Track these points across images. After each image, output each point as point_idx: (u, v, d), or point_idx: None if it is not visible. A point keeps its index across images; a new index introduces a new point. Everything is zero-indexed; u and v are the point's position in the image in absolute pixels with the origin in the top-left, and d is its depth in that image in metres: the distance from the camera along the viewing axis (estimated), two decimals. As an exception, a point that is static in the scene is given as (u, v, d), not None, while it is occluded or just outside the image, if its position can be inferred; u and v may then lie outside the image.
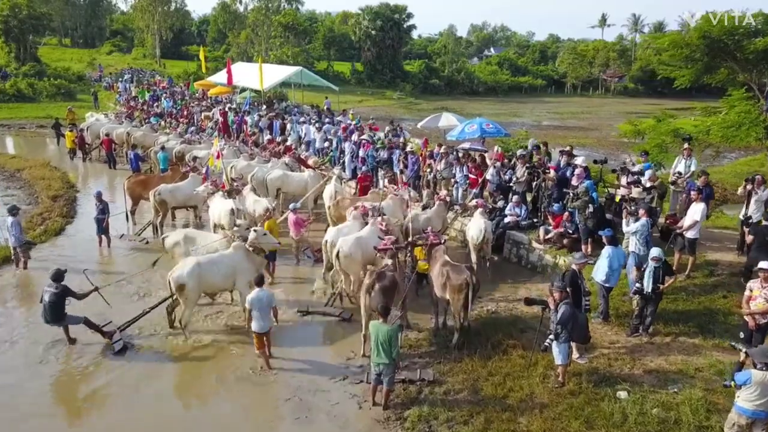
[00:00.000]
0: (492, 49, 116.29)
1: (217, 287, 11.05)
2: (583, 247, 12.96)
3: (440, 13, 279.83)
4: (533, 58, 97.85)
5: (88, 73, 61.42)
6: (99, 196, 15.34)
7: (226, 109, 29.18)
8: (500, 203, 15.10)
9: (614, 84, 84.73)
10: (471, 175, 15.89)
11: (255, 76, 28.24)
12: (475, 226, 13.20)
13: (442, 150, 17.02)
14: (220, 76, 33.19)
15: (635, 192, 12.64)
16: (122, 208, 16.97)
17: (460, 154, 17.19)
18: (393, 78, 72.20)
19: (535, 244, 14.06)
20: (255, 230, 11.30)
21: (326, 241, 12.40)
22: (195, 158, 19.49)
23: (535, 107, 67.37)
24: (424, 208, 15.47)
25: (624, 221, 11.33)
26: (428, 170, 17.14)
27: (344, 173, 18.95)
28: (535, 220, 14.86)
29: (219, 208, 14.41)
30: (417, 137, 29.02)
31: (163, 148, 21.44)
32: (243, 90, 33.43)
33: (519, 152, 16.51)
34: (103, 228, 15.17)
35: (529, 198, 15.52)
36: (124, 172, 22.27)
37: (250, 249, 11.06)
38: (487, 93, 77.22)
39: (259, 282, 10.05)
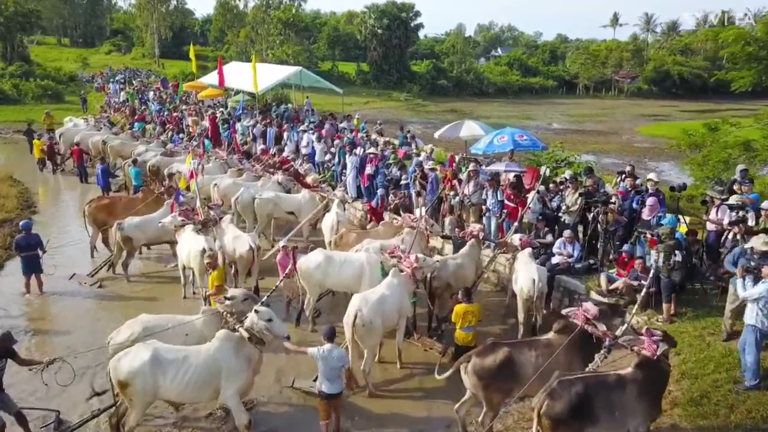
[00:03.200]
0: (499, 50, 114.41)
1: (186, 397, 7.48)
2: (664, 306, 9.78)
3: (446, 12, 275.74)
4: (543, 59, 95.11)
5: (79, 73, 58.54)
6: (27, 228, 12.19)
7: (217, 114, 26.04)
8: (549, 238, 11.88)
9: (627, 85, 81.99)
10: (508, 202, 12.62)
11: (249, 77, 25.04)
12: (526, 275, 10.04)
13: (470, 168, 13.77)
14: (212, 77, 29.99)
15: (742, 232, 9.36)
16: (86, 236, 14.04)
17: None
18: (400, 79, 69.51)
19: (595, 296, 10.87)
20: (257, 311, 7.40)
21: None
22: (172, 175, 16.32)
23: (548, 109, 64.70)
24: (445, 238, 12.37)
25: (739, 283, 8.08)
26: (451, 193, 13.94)
27: (348, 195, 15.73)
28: (592, 261, 11.67)
29: (188, 246, 11.28)
30: (429, 143, 25.82)
31: (135, 161, 18.31)
32: (237, 93, 30.22)
33: (567, 174, 13.34)
34: (31, 266, 12.03)
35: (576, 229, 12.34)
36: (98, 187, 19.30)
37: (246, 337, 7.37)
38: (497, 94, 74.88)
39: (330, 336, 7.60)
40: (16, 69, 48.77)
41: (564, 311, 7.75)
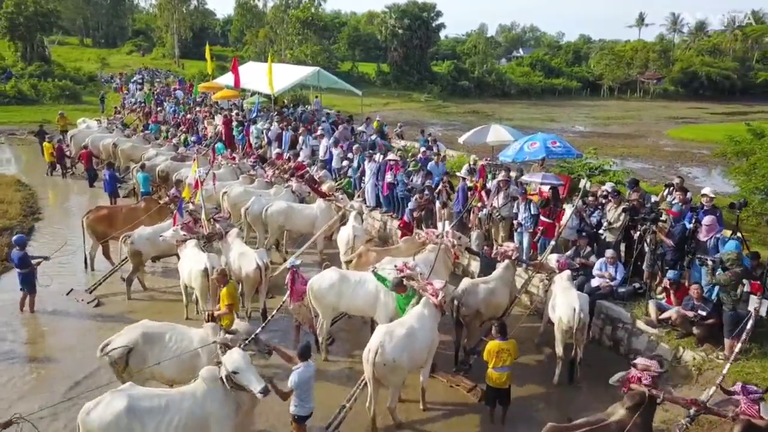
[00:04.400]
0: (521, 50, 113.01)
1: None
2: (726, 342, 8.53)
3: (467, 12, 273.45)
4: (567, 59, 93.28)
5: (99, 73, 58.34)
6: (20, 243, 11.25)
7: (232, 116, 25.11)
8: (591, 258, 10.64)
9: (653, 86, 79.99)
10: (543, 218, 11.40)
11: (265, 78, 24.03)
12: (565, 303, 8.86)
13: (500, 177, 12.56)
14: (228, 78, 29.06)
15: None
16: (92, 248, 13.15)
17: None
18: (420, 79, 68.39)
19: (643, 325, 9.64)
20: (225, 355, 6.36)
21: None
22: (180, 181, 15.35)
23: (571, 111, 63.18)
24: (472, 252, 11.22)
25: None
26: (479, 204, 12.74)
27: (366, 205, 14.60)
28: (637, 285, 10.42)
29: (189, 264, 10.28)
30: (450, 147, 24.61)
31: (143, 166, 17.40)
32: (254, 94, 29.25)
33: (608, 186, 12.10)
34: (24, 283, 11.14)
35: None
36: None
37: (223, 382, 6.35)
38: (519, 95, 73.51)
39: (304, 354, 7.02)
40: (35, 69, 48.62)
41: (613, 380, 6.32)
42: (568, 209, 11.76)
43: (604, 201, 11.53)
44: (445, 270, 10.53)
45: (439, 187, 13.48)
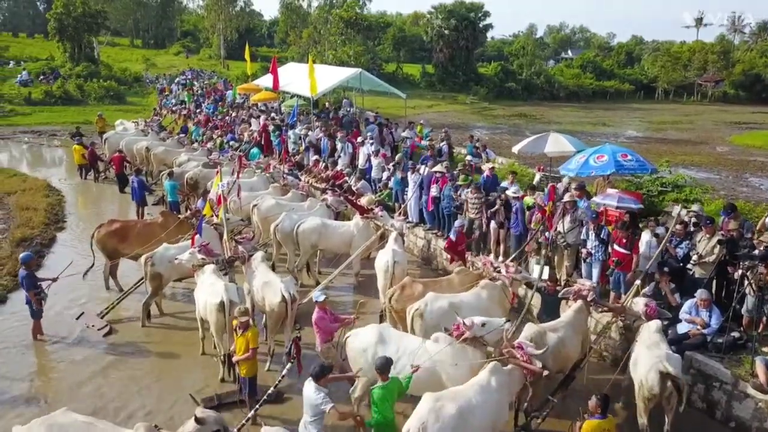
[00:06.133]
0: (569, 51, 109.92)
1: None
2: None
3: (513, 12, 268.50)
4: (618, 61, 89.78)
5: (144, 74, 58.69)
6: (26, 261, 10.16)
7: (270, 120, 23.98)
8: (676, 297, 8.84)
9: (711, 89, 76.08)
10: (619, 248, 9.61)
11: (306, 79, 22.73)
12: (650, 363, 7.12)
13: (566, 198, 10.82)
14: (267, 80, 27.96)
15: None
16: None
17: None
18: (466, 81, 66.64)
19: (749, 388, 7.81)
20: None
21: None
22: (207, 192, 14.13)
23: (624, 115, 60.40)
24: (531, 286, 9.57)
25: None
26: (540, 227, 11.03)
27: (407, 224, 13.04)
28: (737, 335, 8.57)
29: (205, 295, 8.95)
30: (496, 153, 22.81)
31: (171, 173, 16.30)
32: (293, 96, 28.05)
33: (695, 208, 10.26)
34: (35, 310, 10.07)
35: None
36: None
37: None
38: (569, 98, 71.15)
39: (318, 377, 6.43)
40: (82, 69, 49.10)
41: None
42: (645, 235, 10.01)
43: (693, 230, 9.69)
44: (502, 311, 8.91)
45: (496, 205, 11.84)
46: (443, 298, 8.60)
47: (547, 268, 7.66)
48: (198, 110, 31.49)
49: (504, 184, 13.05)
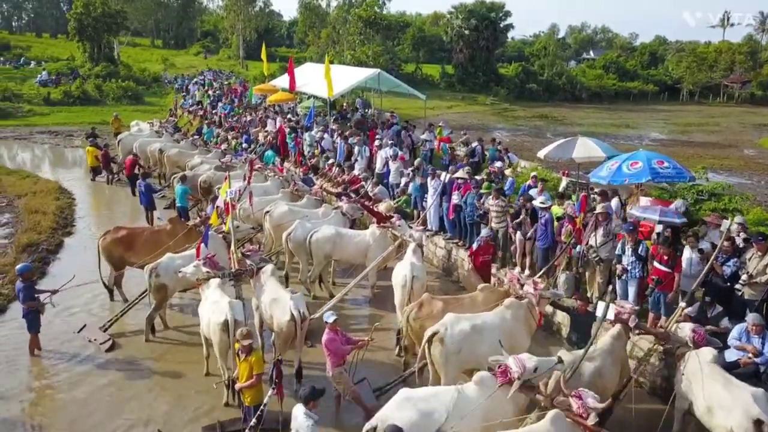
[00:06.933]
0: (591, 52, 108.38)
1: None
2: None
3: (533, 12, 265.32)
4: (642, 61, 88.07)
5: (163, 74, 58.71)
6: (23, 273, 9.60)
7: (286, 121, 23.41)
8: (724, 322, 8.01)
9: (738, 90, 74.27)
10: (660, 265, 8.76)
11: (323, 80, 22.11)
12: (735, 409, 6.29)
13: (599, 209, 10.00)
14: (284, 80, 27.40)
15: None
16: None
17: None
18: (486, 82, 65.80)
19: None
20: None
21: None
22: (215, 198, 13.52)
23: (648, 116, 59.24)
24: (558, 307, 8.77)
25: None
26: (569, 240, 10.23)
27: (426, 233, 12.28)
28: (793, 365, 7.72)
29: (209, 312, 8.33)
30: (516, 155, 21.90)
31: (183, 178, 15.75)
32: (310, 97, 27.45)
33: (738, 219, 9.41)
34: (33, 323, 9.53)
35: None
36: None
37: None
38: (591, 99, 70.09)
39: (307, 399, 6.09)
40: (101, 69, 49.13)
41: None
42: (686, 251, 9.17)
43: (742, 247, 8.84)
44: (527, 332, 8.17)
45: (521, 216, 11.06)
46: (464, 319, 7.86)
47: (613, 306, 6.79)
48: (213, 111, 31.12)
49: (532, 191, 12.24)
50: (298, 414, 6.09)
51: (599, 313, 7.06)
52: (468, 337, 7.71)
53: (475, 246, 11.42)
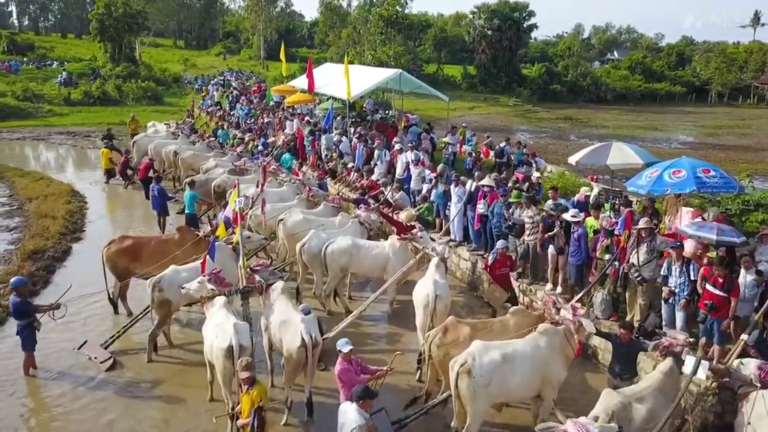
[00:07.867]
0: (615, 53, 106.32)
1: None
2: None
3: (556, 11, 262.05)
4: (668, 62, 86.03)
5: (183, 74, 58.65)
6: (17, 287, 8.95)
7: (304, 123, 22.72)
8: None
9: (768, 92, 72.42)
10: (714, 289, 7.83)
11: (342, 81, 21.38)
12: None
13: (641, 224, 9.08)
14: (302, 81, 26.74)
15: None
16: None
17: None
18: (509, 83, 64.77)
19: None
20: None
21: None
22: (226, 204, 12.84)
23: (675, 118, 57.66)
24: (600, 335, 7.87)
25: None
26: (611, 257, 9.32)
27: (449, 245, 11.43)
28: None
29: (212, 336, 7.60)
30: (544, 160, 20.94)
31: (192, 183, 15.12)
32: (329, 99, 26.73)
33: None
34: (27, 341, 8.91)
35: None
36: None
37: None
38: (616, 100, 68.42)
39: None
40: (122, 70, 49.19)
41: None
42: (742, 273, 8.22)
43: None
44: (564, 362, 7.33)
45: (555, 229, 10.18)
46: (493, 348, 7.04)
47: (706, 364, 5.90)
48: (232, 112, 30.63)
49: (568, 203, 11.36)
50: (349, 409, 6.07)
51: (687, 369, 6.15)
52: (498, 368, 6.91)
53: (490, 259, 10.66)
